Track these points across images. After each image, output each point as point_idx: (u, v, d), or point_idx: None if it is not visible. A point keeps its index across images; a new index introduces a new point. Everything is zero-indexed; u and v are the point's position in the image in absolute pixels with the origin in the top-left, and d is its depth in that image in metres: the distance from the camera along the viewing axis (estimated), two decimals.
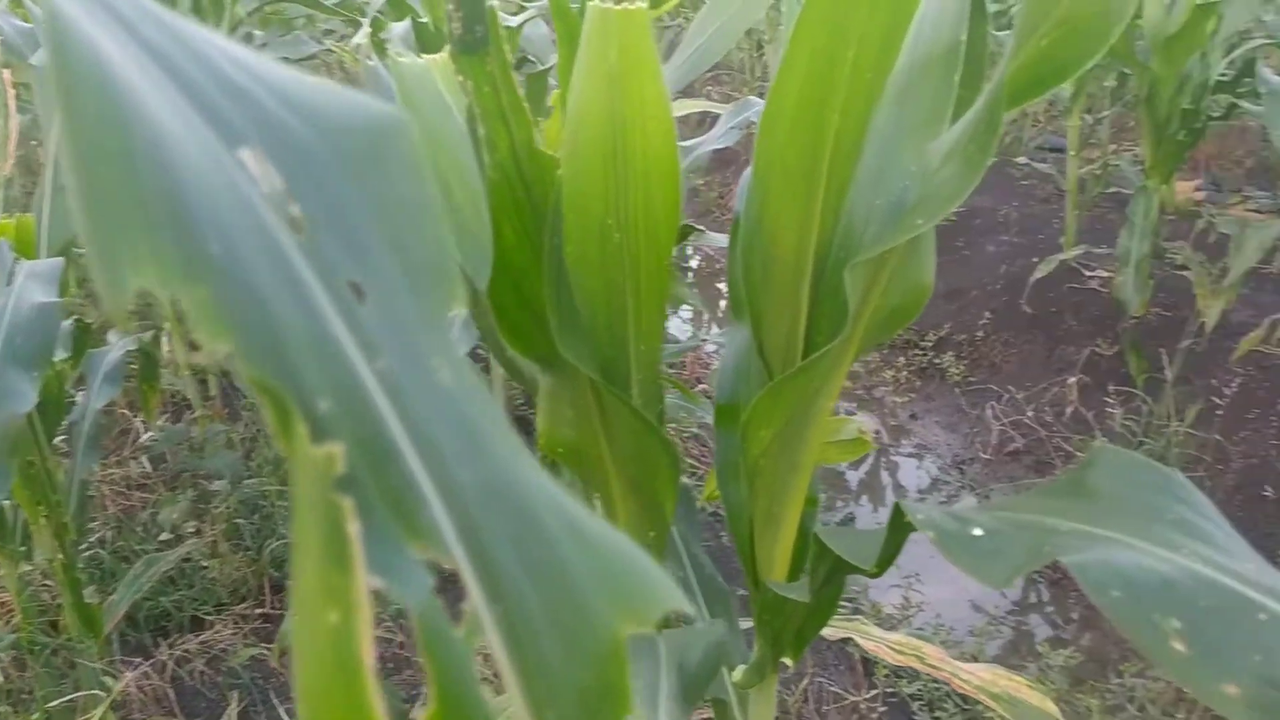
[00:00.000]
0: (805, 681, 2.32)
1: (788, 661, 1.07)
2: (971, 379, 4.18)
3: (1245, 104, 3.41)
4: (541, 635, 0.29)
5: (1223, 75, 3.39)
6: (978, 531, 0.63)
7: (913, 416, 4.17)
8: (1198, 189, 5.39)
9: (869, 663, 2.50)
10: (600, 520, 0.33)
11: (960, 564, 0.60)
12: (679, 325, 4.84)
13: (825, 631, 1.51)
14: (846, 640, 2.13)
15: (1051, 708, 1.40)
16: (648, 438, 0.94)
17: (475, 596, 0.30)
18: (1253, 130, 5.39)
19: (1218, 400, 3.24)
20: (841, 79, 0.82)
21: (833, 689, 2.35)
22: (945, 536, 0.63)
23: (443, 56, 0.87)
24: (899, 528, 0.68)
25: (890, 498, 3.75)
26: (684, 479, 1.36)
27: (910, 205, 0.88)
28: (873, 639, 1.48)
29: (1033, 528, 0.61)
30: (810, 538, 0.95)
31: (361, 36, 0.94)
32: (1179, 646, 0.48)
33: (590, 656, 0.30)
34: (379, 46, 1.64)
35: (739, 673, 1.08)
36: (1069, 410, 3.69)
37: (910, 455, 3.98)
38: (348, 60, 2.63)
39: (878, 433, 4.10)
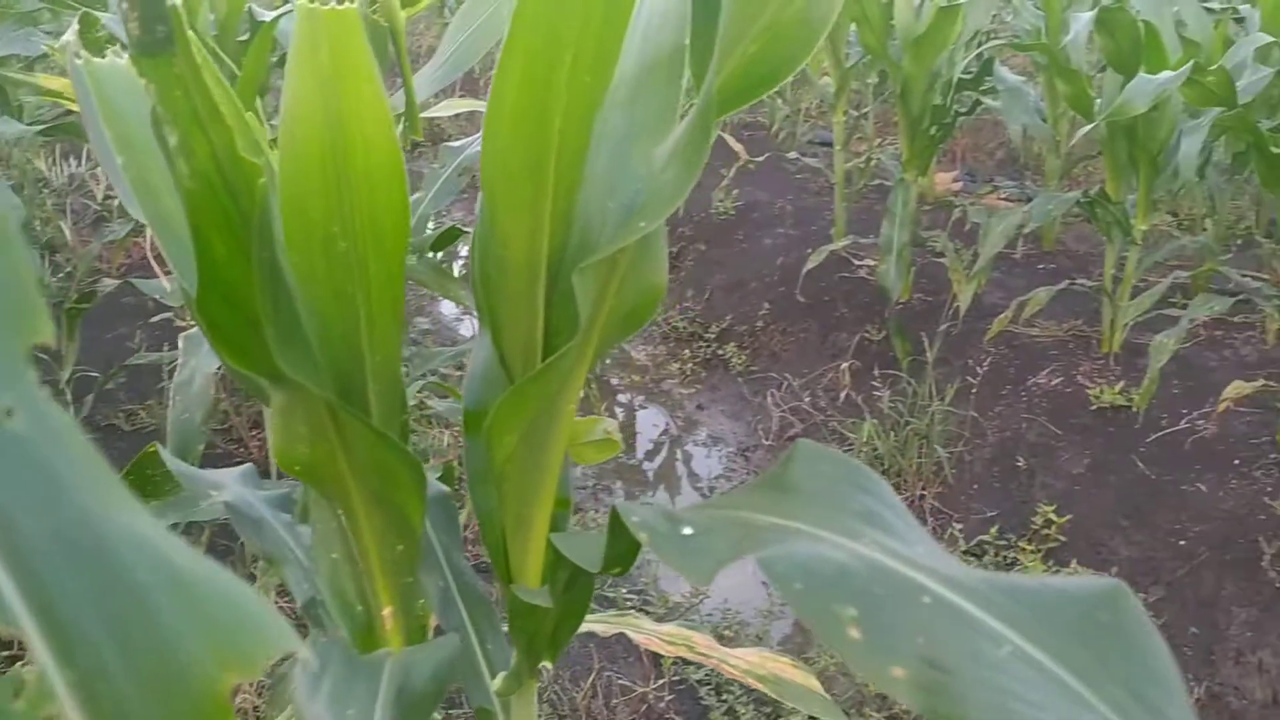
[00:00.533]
0: (593, 677, 2.34)
1: (547, 664, 1.07)
2: (753, 368, 4.32)
3: (988, 100, 3.67)
4: (126, 696, 0.27)
5: (967, 74, 3.62)
6: (688, 530, 0.64)
7: (699, 407, 4.28)
8: (955, 180, 5.75)
9: (657, 653, 2.54)
10: (206, 564, 0.31)
11: (671, 562, 0.61)
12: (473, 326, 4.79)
13: (597, 628, 1.52)
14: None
15: (815, 685, 1.46)
16: (387, 452, 0.91)
17: (42, 659, 0.27)
18: (1004, 124, 5.78)
19: (971, 379, 3.47)
20: (560, 82, 0.82)
21: (622, 681, 2.38)
22: (657, 537, 0.63)
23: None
24: (618, 530, 0.68)
25: (685, 487, 3.84)
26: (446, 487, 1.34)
27: (637, 208, 0.89)
28: (644, 632, 1.50)
29: (737, 524, 0.63)
30: None
31: (71, 34, 0.87)
32: (854, 633, 0.50)
33: (186, 711, 0.28)
34: (96, 44, 1.53)
35: (499, 680, 1.07)
36: (843, 394, 3.86)
37: (700, 445, 4.07)
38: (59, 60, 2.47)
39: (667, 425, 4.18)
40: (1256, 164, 2.67)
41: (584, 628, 1.49)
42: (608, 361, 4.69)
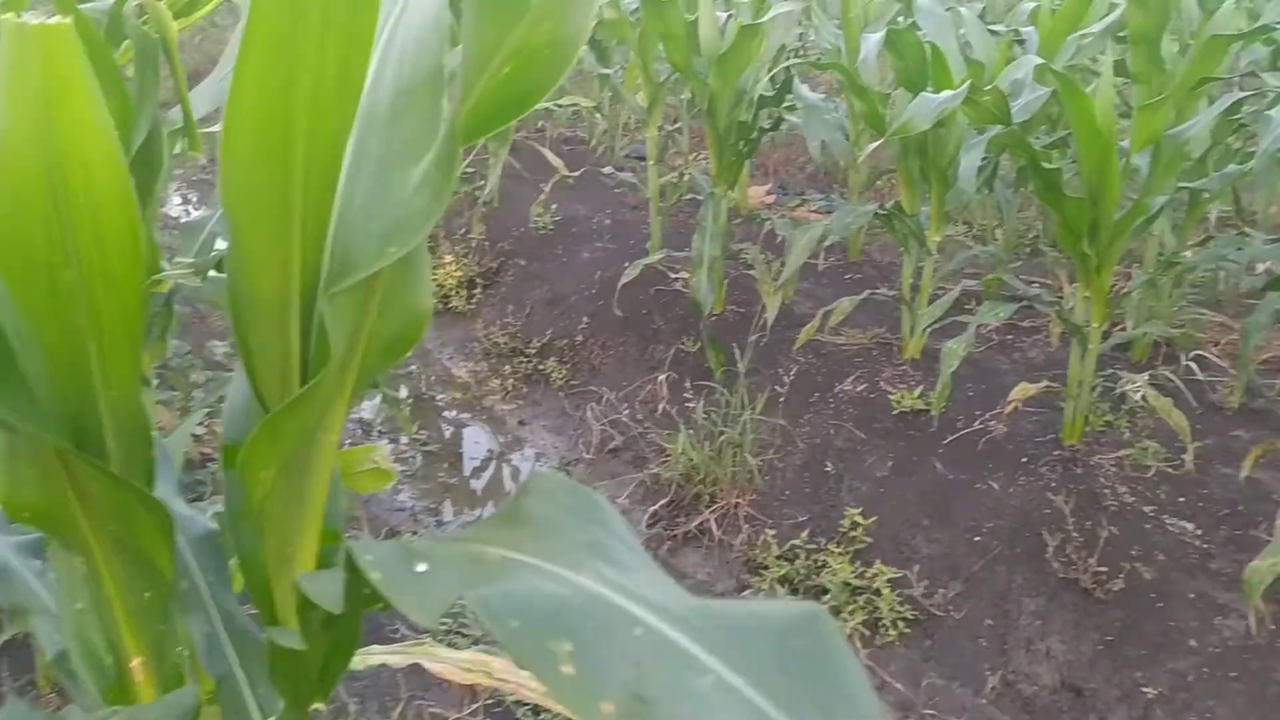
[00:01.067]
0: (401, 707, 2.28)
1: (319, 707, 1.03)
2: (574, 382, 4.33)
3: (790, 117, 3.79)
4: None
5: (769, 91, 3.73)
6: (422, 566, 0.63)
7: (522, 423, 4.25)
8: (769, 193, 5.92)
9: None
10: None
11: (396, 604, 0.59)
12: None
13: (391, 660, 1.48)
14: None
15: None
16: (127, 496, 0.86)
17: None
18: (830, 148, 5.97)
19: (780, 388, 3.56)
20: (300, 106, 0.79)
21: (433, 709, 2.33)
22: (388, 576, 0.61)
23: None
24: (353, 569, 0.66)
25: None
26: None
27: (389, 233, 0.87)
28: (441, 661, 1.46)
29: (470, 558, 0.62)
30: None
31: None
32: (568, 669, 0.49)
33: None
34: None
35: None
36: (660, 406, 3.91)
37: (523, 461, 4.05)
38: None
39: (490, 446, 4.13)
40: (1033, 178, 2.84)
41: (375, 660, 1.45)
42: (432, 379, 4.62)
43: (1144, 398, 3.06)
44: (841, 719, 0.47)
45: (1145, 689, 2.49)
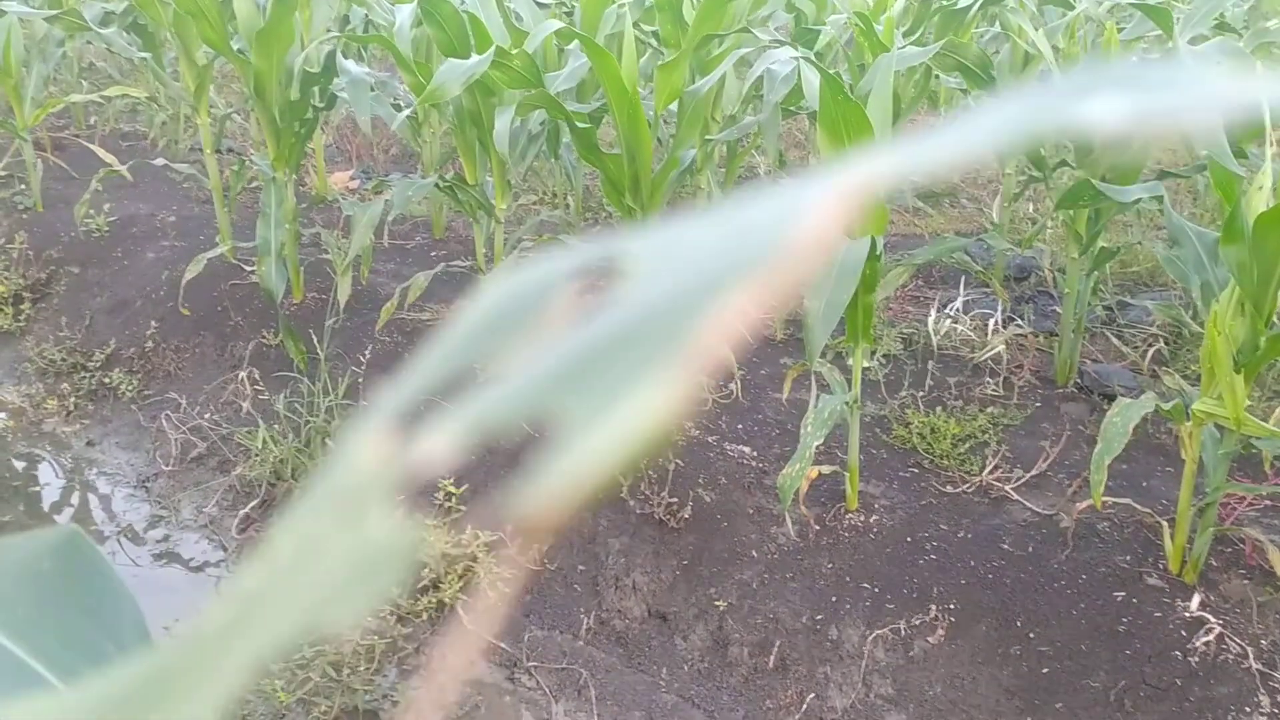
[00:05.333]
0: None
1: None
2: (147, 392, 4.00)
3: (343, 94, 3.69)
4: None
5: (315, 68, 3.61)
6: None
7: (90, 443, 3.88)
8: (352, 178, 5.77)
9: None
10: None
11: None
12: None
13: None
14: None
15: None
16: None
17: None
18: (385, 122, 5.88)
19: (358, 370, 3.49)
20: None
21: None
22: None
23: None
24: None
25: (88, 533, 3.45)
26: None
27: None
28: None
29: None
30: None
31: None
32: None
33: None
34: None
35: None
36: (244, 406, 3.71)
37: (96, 485, 3.70)
38: None
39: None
40: (573, 139, 2.95)
41: None
42: None
43: None
44: (90, 625, 0.44)
45: (718, 602, 2.69)
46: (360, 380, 3.44)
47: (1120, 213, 3.25)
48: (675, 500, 2.89)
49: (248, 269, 4.29)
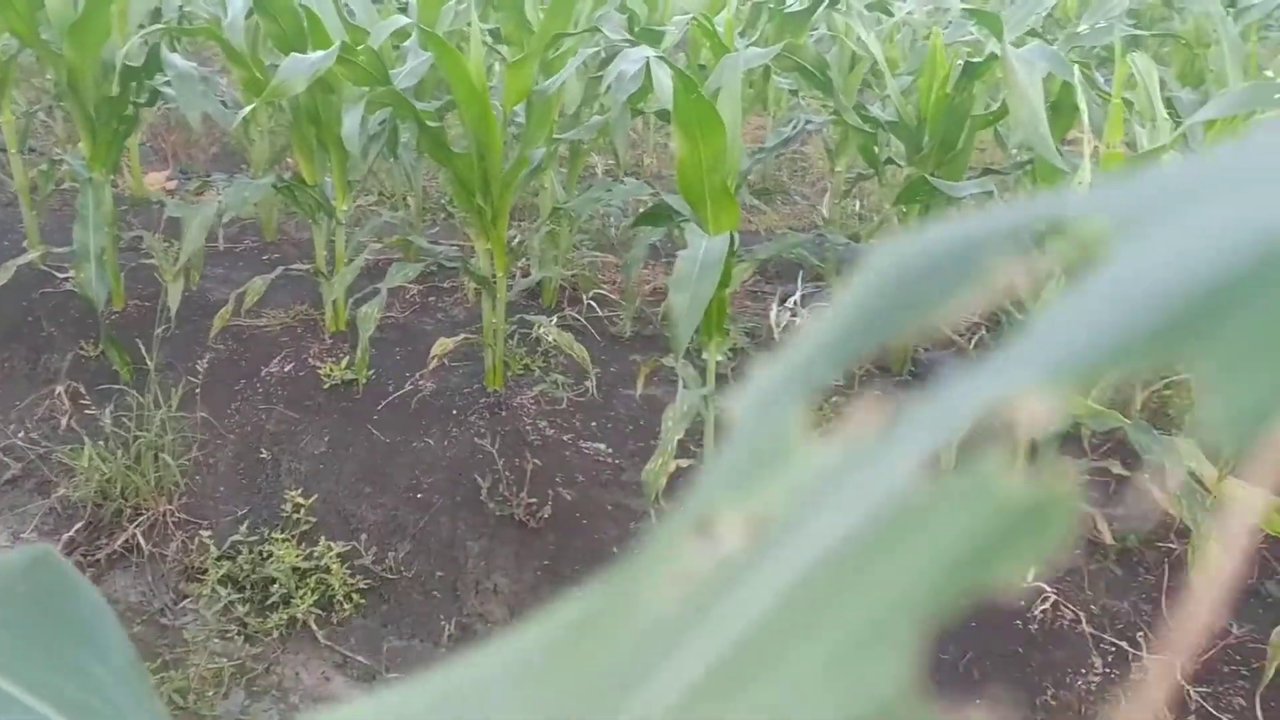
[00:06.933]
0: None
1: None
2: None
3: (166, 90, 3.50)
4: None
5: (135, 62, 3.41)
6: None
7: None
8: (169, 179, 5.48)
9: None
10: None
11: None
12: None
13: None
14: None
15: None
16: None
17: None
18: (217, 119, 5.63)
19: (195, 380, 3.33)
20: None
21: None
22: None
23: None
24: None
25: None
26: None
27: None
28: None
29: None
30: None
31: None
32: None
33: None
34: None
35: None
36: (64, 422, 3.47)
37: None
38: None
39: None
40: (420, 138, 2.90)
41: None
42: None
43: (553, 338, 3.29)
44: (75, 648, 0.41)
45: None
46: (197, 391, 3.27)
47: (948, 207, 3.42)
48: (534, 500, 2.87)
49: (61, 276, 4.02)
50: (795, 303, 3.92)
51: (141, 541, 3.03)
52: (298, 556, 2.88)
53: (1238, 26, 3.87)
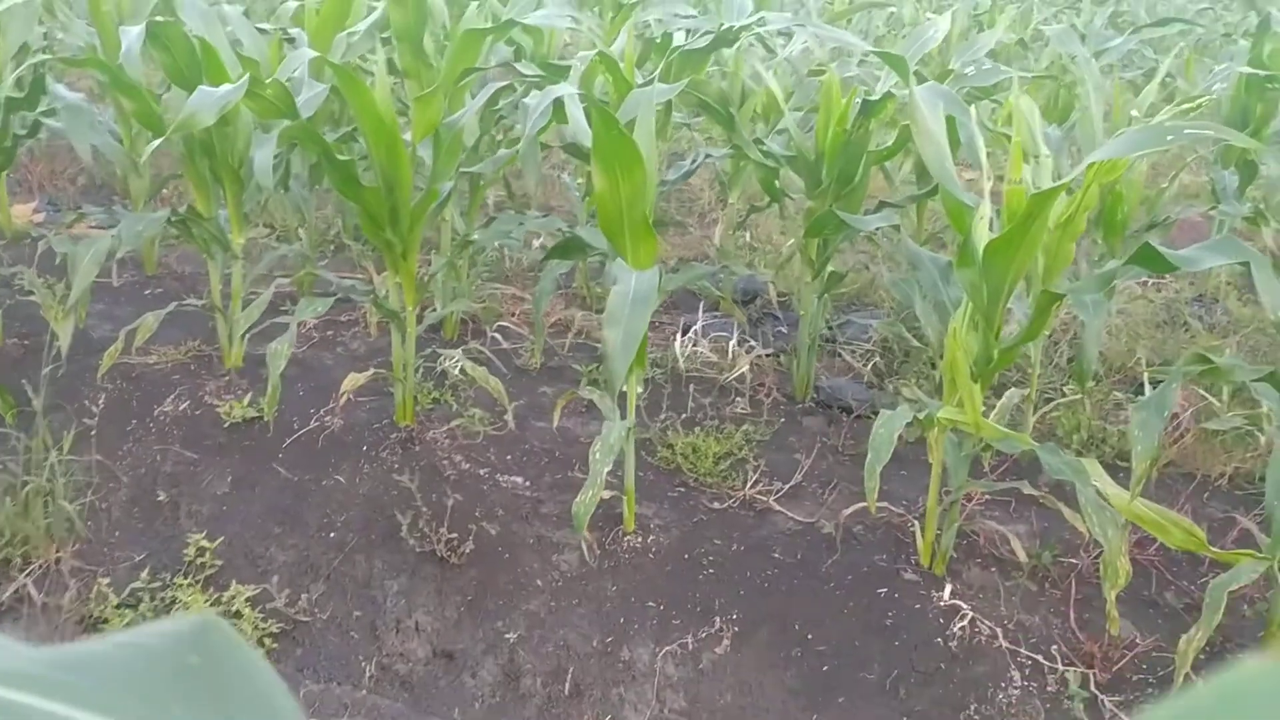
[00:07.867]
0: None
1: None
2: None
3: (50, 121, 3.36)
4: None
5: (18, 93, 3.27)
6: None
7: None
8: (36, 211, 5.24)
9: None
10: None
11: None
12: None
13: None
14: None
15: None
16: None
17: None
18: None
19: (89, 421, 3.19)
20: None
21: None
22: None
23: None
24: None
25: None
26: None
27: None
28: None
29: None
30: None
31: None
32: None
33: None
34: None
35: None
36: None
37: None
38: None
39: None
40: (329, 172, 2.85)
41: None
42: None
43: (462, 370, 3.27)
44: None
45: (507, 635, 2.68)
46: (92, 433, 3.13)
47: (846, 240, 3.55)
48: (455, 535, 2.85)
49: None
50: (696, 332, 4.00)
51: (33, 592, 2.87)
52: (205, 602, 2.78)
53: (1099, 66, 4.14)
